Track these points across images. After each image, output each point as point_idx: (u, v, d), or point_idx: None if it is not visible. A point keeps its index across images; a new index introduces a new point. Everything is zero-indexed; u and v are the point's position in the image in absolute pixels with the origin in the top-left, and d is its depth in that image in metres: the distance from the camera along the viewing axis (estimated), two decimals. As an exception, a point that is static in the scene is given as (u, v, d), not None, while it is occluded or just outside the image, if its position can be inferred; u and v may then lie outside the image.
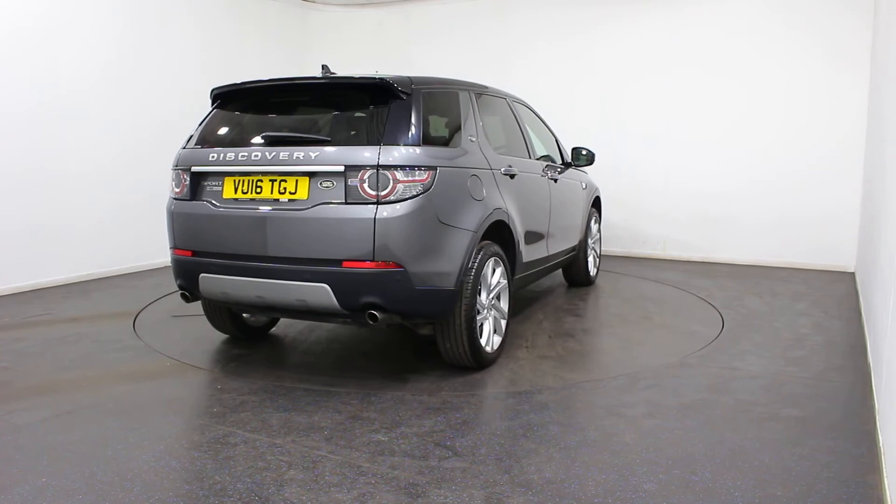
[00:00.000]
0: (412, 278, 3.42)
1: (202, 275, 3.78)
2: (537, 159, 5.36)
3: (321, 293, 3.45)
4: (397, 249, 3.36)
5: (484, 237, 3.91)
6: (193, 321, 5.03)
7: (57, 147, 6.18)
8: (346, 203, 3.39)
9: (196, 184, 3.82)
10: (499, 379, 3.81)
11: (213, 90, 4.06)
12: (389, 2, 9.02)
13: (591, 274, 6.37)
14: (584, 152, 5.70)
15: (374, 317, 3.44)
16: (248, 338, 4.62)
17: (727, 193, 7.58)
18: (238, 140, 3.84)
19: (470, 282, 3.70)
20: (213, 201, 3.74)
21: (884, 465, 2.69)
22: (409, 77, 3.74)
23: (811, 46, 7.08)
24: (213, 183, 3.76)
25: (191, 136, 4.02)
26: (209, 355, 4.31)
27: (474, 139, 4.07)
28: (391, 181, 3.37)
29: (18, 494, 2.51)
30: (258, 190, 3.61)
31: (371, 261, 3.36)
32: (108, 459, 2.81)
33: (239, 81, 4.01)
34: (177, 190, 3.91)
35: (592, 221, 6.34)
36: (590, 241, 6.28)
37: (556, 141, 5.71)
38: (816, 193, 7.19)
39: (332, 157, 3.45)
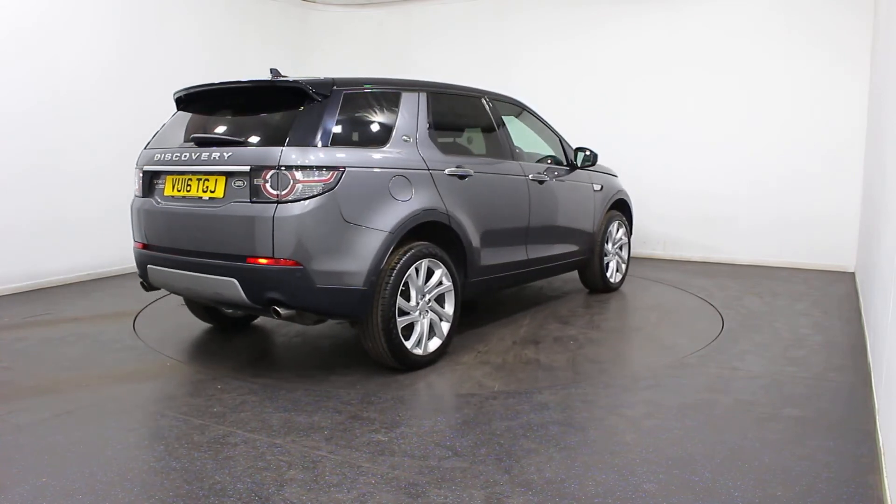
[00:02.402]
0: (312, 276, 3.52)
1: (149, 266, 4.09)
2: (538, 161, 5.32)
3: (231, 287, 3.63)
4: (295, 247, 3.48)
5: (416, 238, 3.96)
6: (193, 322, 5.03)
7: (57, 147, 6.18)
8: (252, 202, 3.56)
9: (148, 182, 4.12)
10: (415, 381, 3.77)
11: (174, 93, 4.25)
12: (389, 2, 9.02)
13: (612, 280, 6.09)
14: (587, 153, 5.57)
15: (277, 312, 3.60)
16: (225, 329, 4.84)
17: (727, 193, 7.58)
18: (179, 141, 4.07)
19: (389, 282, 3.71)
20: (158, 198, 4.04)
21: (884, 465, 2.69)
22: (331, 79, 3.83)
23: (811, 47, 7.08)
24: (160, 181, 4.06)
25: (151, 137, 4.30)
26: (209, 355, 4.31)
27: (409, 139, 4.07)
28: (291, 181, 3.48)
29: (18, 494, 2.51)
30: (188, 188, 3.86)
31: (271, 258, 3.51)
32: (108, 459, 2.81)
33: (193, 85, 4.17)
34: (136, 187, 4.23)
35: (614, 226, 6.06)
36: (609, 246, 6.01)
37: (561, 142, 5.54)
38: (816, 193, 7.19)
39: (240, 157, 3.63)
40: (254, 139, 3.75)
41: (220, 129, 3.96)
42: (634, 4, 7.83)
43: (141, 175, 4.15)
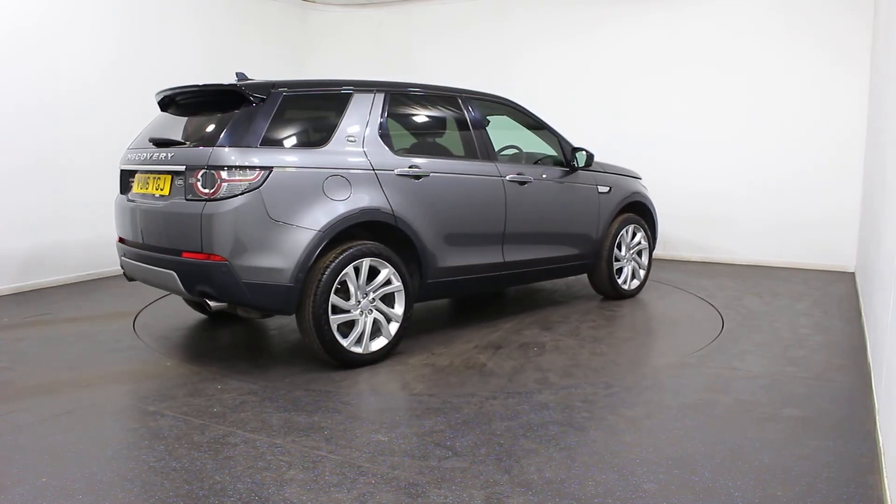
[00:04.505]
0: (237, 271, 3.68)
1: (122, 257, 4.42)
2: (536, 161, 5.27)
3: (172, 279, 3.87)
4: (219, 243, 3.67)
5: (366, 237, 4.04)
6: (193, 322, 5.04)
7: (57, 146, 6.18)
8: (187, 200, 3.77)
9: (125, 180, 4.40)
10: (343, 380, 3.78)
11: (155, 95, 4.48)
12: (389, 2, 9.02)
13: (626, 287, 5.78)
14: (585, 154, 5.36)
15: (207, 304, 3.85)
16: (212, 316, 5.09)
17: (727, 193, 7.57)
18: (147, 142, 4.26)
19: (322, 279, 3.78)
20: (130, 195, 4.30)
21: (884, 465, 2.69)
22: (271, 81, 3.99)
23: (811, 47, 7.08)
24: (132, 179, 4.32)
25: (135, 138, 4.53)
26: (209, 355, 4.31)
27: (355, 140, 4.11)
28: (217, 180, 3.66)
29: (18, 494, 2.51)
30: (146, 186, 4.13)
31: (200, 253, 3.72)
32: (108, 459, 2.82)
33: (164, 88, 4.37)
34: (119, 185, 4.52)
35: (628, 230, 5.75)
36: (622, 252, 5.72)
37: (560, 142, 5.37)
38: (816, 193, 7.18)
39: (179, 158, 3.87)
40: (195, 140, 3.96)
41: (176, 131, 4.16)
42: (634, 4, 7.83)
43: (120, 174, 4.47)
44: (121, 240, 4.45)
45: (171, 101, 4.37)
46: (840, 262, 7.13)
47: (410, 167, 4.27)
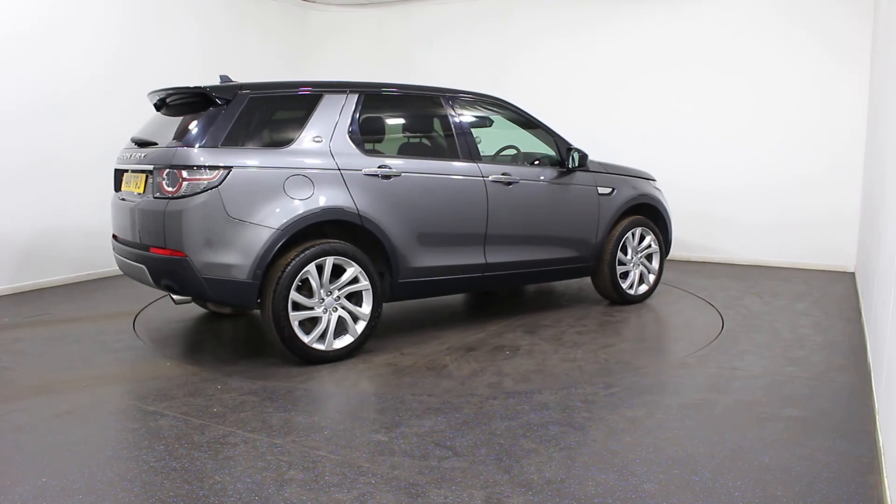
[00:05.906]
0: (196, 267, 3.81)
1: (114, 252, 4.57)
2: (533, 162, 5.22)
3: (143, 273, 4.06)
4: (179, 239, 3.82)
5: (325, 235, 4.11)
6: (192, 322, 5.04)
7: (57, 146, 6.18)
8: (154, 198, 3.94)
9: (117, 179, 4.56)
10: (299, 375, 3.85)
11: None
12: (389, 2, 9.02)
13: (632, 292, 5.59)
14: (578, 154, 5.22)
15: (172, 298, 4.12)
16: (212, 316, 5.21)
17: (727, 193, 7.57)
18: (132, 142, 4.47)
19: (282, 276, 3.88)
20: (119, 193, 4.48)
21: (884, 465, 2.69)
22: (238, 84, 4.13)
23: (812, 45, 7.08)
24: (122, 178, 4.47)
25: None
26: (209, 355, 4.32)
27: (322, 140, 4.15)
28: (179, 179, 3.82)
29: (18, 494, 2.51)
30: (129, 185, 4.31)
31: (164, 248, 3.89)
32: (108, 459, 2.82)
33: (156, 89, 4.50)
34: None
35: (634, 233, 5.56)
36: (628, 255, 5.53)
37: (557, 142, 5.24)
38: (816, 193, 7.18)
39: (150, 158, 4.06)
40: (165, 141, 4.09)
41: (164, 131, 4.25)
42: (635, 4, 7.83)
43: (114, 172, 4.63)
44: (114, 236, 4.59)
45: (163, 102, 4.49)
46: (840, 262, 7.13)
47: (380, 167, 4.28)
